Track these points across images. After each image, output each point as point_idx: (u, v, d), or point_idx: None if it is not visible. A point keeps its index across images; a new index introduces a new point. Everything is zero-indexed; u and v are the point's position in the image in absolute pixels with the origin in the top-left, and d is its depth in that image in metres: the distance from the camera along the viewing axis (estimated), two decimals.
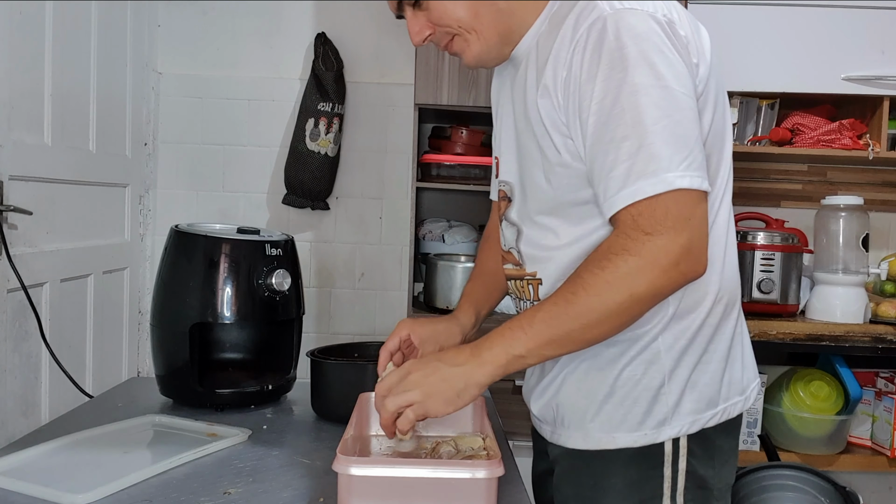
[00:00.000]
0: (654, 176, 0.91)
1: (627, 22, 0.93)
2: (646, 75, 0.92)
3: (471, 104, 2.29)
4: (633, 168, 0.92)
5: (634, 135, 0.92)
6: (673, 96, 0.93)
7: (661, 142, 0.91)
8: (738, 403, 1.07)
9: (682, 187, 0.91)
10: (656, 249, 0.91)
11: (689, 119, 0.94)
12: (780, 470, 2.06)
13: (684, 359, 1.03)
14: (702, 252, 0.94)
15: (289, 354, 1.52)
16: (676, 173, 0.91)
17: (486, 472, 0.89)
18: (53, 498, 0.96)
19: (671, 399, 1.02)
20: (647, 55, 0.92)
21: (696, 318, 1.03)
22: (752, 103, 2.37)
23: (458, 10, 1.04)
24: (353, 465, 0.89)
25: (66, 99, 2.06)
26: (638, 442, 1.03)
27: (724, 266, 1.05)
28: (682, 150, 0.92)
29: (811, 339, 2.15)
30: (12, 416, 1.84)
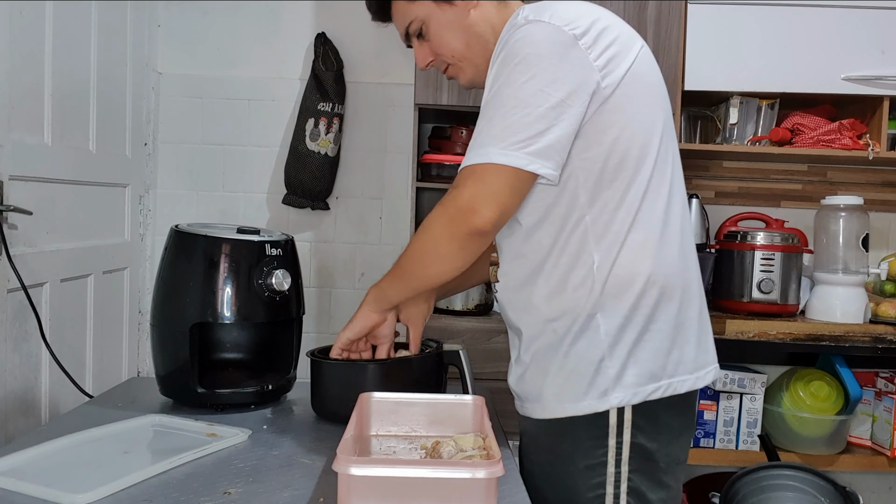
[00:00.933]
0: (480, 148, 1.10)
1: (529, 30, 1.11)
2: (521, 73, 1.09)
3: (471, 104, 2.29)
4: (474, 141, 1.11)
5: (488, 116, 1.11)
6: (535, 93, 1.08)
7: (503, 125, 1.08)
8: (686, 381, 1.16)
9: (498, 162, 1.08)
10: (449, 198, 1.12)
11: (547, 116, 1.08)
12: (780, 470, 2.07)
13: (623, 336, 1.14)
14: (483, 210, 1.08)
15: (289, 354, 1.52)
16: (497, 149, 1.08)
17: (486, 472, 0.89)
18: (53, 498, 0.96)
19: (612, 371, 1.13)
20: (530, 58, 1.09)
21: (629, 298, 1.13)
22: (752, 103, 2.37)
23: (452, 43, 1.26)
24: (354, 464, 0.89)
25: (66, 99, 2.06)
26: (583, 410, 1.14)
27: (657, 253, 1.14)
28: (518, 135, 1.07)
29: (811, 339, 2.15)
30: (12, 416, 1.84)
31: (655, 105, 1.18)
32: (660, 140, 1.17)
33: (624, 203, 1.13)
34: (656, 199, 1.16)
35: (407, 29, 1.29)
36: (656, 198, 1.16)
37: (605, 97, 1.11)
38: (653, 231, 1.15)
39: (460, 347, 1.40)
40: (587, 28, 1.11)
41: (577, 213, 1.14)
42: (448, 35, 1.26)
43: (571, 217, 1.14)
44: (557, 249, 1.15)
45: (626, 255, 1.13)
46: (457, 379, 1.40)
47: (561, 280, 1.15)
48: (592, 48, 1.10)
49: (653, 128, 1.17)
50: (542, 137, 1.08)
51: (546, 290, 1.17)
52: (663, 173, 1.17)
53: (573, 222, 1.14)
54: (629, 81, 1.13)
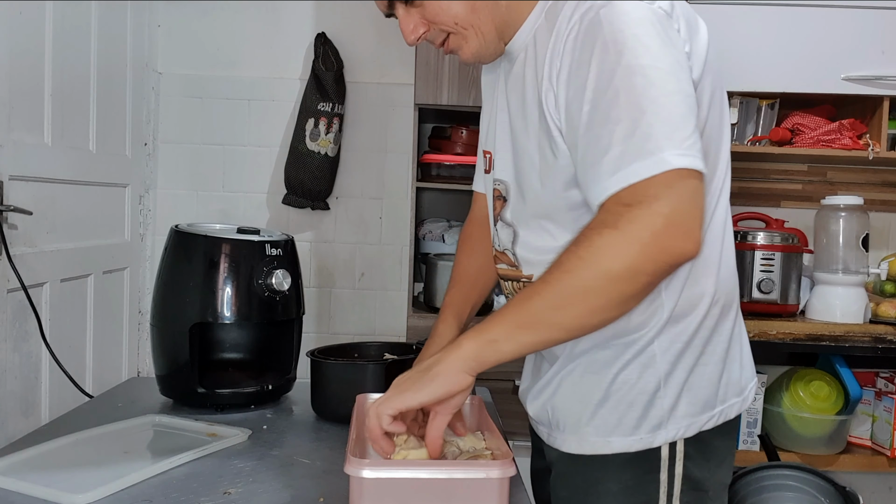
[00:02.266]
0: (651, 156, 0.85)
1: (621, 8, 0.90)
2: (641, 56, 0.87)
3: (471, 104, 2.29)
4: (626, 150, 0.86)
5: (628, 117, 0.86)
6: (670, 77, 0.88)
7: (659, 121, 0.86)
8: (735, 405, 1.06)
9: (679, 167, 0.85)
10: (634, 220, 0.84)
11: (685, 99, 0.89)
12: (780, 470, 2.06)
13: (680, 362, 1.01)
14: (690, 227, 0.86)
15: (289, 354, 1.52)
16: (674, 152, 0.85)
17: (499, 471, 0.89)
18: (53, 498, 0.96)
19: (667, 403, 1.00)
20: (642, 38, 0.88)
21: (693, 321, 1.00)
22: (752, 103, 2.37)
23: (454, 7, 1.01)
24: (366, 467, 0.88)
25: (66, 99, 2.06)
26: (633, 447, 1.01)
27: (720, 267, 1.02)
28: (681, 130, 0.86)
29: (811, 339, 2.15)
30: (12, 416, 1.84)
31: (724, 100, 1.04)
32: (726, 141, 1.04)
33: None
34: (720, 206, 1.03)
35: None
36: (720, 205, 1.03)
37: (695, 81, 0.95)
38: (716, 244, 1.02)
39: None
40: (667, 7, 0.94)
41: None
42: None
43: None
44: None
45: (696, 272, 0.99)
46: None
47: None
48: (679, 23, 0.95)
49: (724, 122, 1.03)
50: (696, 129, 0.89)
51: None
52: (726, 179, 1.04)
53: None
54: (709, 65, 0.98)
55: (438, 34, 1.05)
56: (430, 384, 0.93)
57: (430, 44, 1.08)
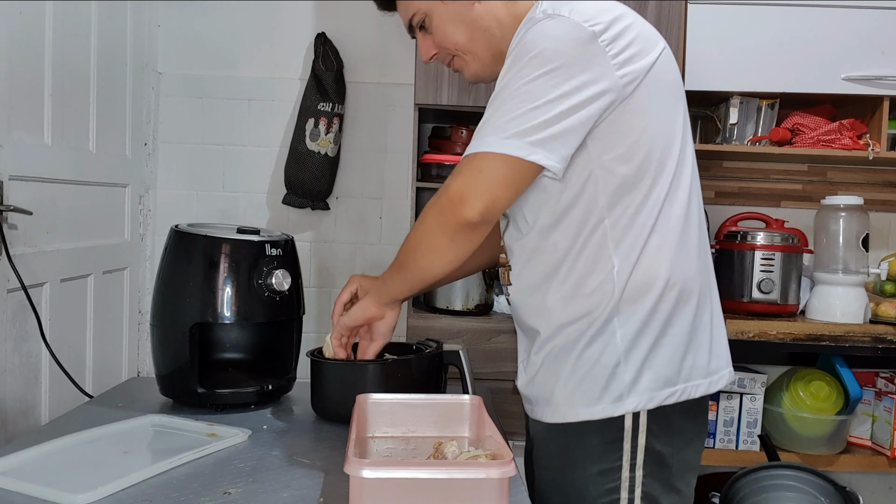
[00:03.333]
0: (481, 139, 1.08)
1: (549, 25, 1.08)
2: (534, 67, 1.06)
3: (471, 104, 2.29)
4: (478, 131, 1.10)
5: (494, 107, 1.09)
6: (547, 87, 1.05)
7: (508, 116, 1.06)
8: (700, 386, 1.15)
9: (498, 151, 1.06)
10: (442, 189, 1.12)
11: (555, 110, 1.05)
12: (780, 470, 2.06)
13: (639, 340, 1.11)
14: (474, 201, 1.08)
15: (289, 354, 1.52)
16: (498, 138, 1.06)
17: (499, 471, 0.89)
18: (53, 498, 0.96)
19: (627, 376, 1.11)
20: (546, 53, 1.06)
21: (647, 302, 1.11)
22: (752, 103, 2.37)
23: (455, 36, 1.24)
24: (366, 467, 0.88)
25: (66, 99, 2.06)
26: (596, 415, 1.12)
27: (675, 256, 1.12)
28: (522, 125, 1.05)
29: (811, 339, 2.15)
30: (12, 416, 1.84)
31: (677, 106, 1.16)
32: (681, 142, 1.15)
33: (645, 207, 1.11)
34: (675, 201, 1.13)
35: (410, 21, 1.27)
36: (675, 200, 1.13)
37: (624, 97, 1.08)
38: (672, 234, 1.12)
39: (460, 347, 1.40)
40: (608, 25, 1.08)
41: (595, 217, 1.11)
42: (451, 28, 1.23)
43: (590, 220, 1.12)
44: (574, 253, 1.13)
45: (646, 259, 1.11)
46: (457, 379, 1.40)
47: (577, 284, 1.13)
48: (612, 45, 1.07)
49: (674, 129, 1.15)
50: (546, 128, 1.05)
51: (561, 293, 1.14)
52: (682, 175, 1.15)
53: (591, 226, 1.12)
54: (650, 81, 1.10)
55: (446, 56, 1.29)
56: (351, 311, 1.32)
57: (442, 63, 1.32)
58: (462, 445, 1.08)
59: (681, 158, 1.14)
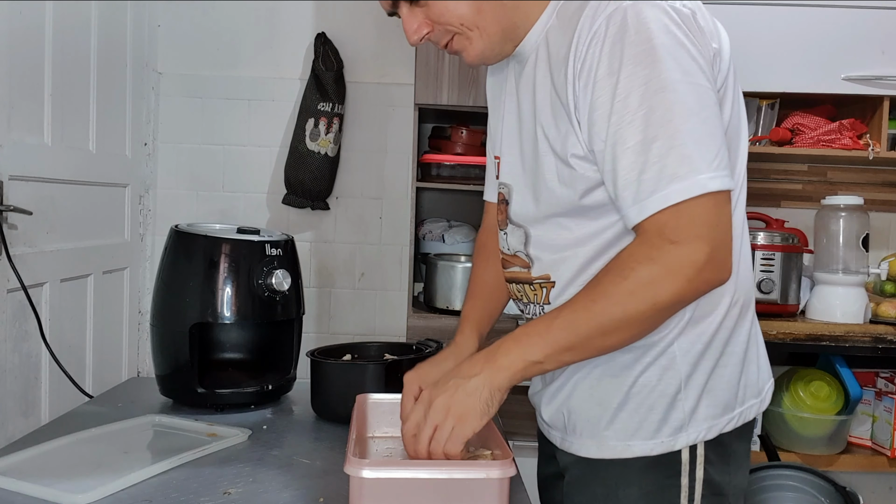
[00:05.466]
0: (686, 179, 0.88)
1: (648, 14, 0.90)
2: (671, 70, 0.89)
3: (471, 104, 2.29)
4: (664, 171, 0.88)
5: (664, 135, 0.88)
6: (699, 92, 0.90)
7: (693, 142, 0.88)
8: (753, 406, 1.05)
9: (712, 190, 0.88)
10: (681, 258, 0.89)
11: (715, 115, 0.92)
12: (780, 470, 2.06)
13: (701, 364, 1.01)
14: (726, 259, 0.91)
15: (289, 354, 1.52)
16: (708, 175, 0.88)
17: (499, 471, 0.89)
18: (53, 498, 0.96)
19: (688, 405, 1.00)
20: (671, 49, 0.89)
21: (713, 322, 1.01)
22: (752, 103, 2.37)
23: (460, 7, 0.99)
24: (366, 467, 0.88)
25: (66, 99, 2.06)
26: (654, 450, 1.00)
27: (739, 267, 1.01)
28: (712, 149, 0.90)
29: (811, 339, 2.15)
30: (12, 416, 1.84)
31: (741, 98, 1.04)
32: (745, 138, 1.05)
33: None
34: (738, 205, 1.03)
35: None
36: (738, 204, 1.03)
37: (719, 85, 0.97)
38: (736, 242, 0.99)
39: None
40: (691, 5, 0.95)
41: None
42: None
43: None
44: None
45: None
46: None
47: None
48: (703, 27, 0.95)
49: (742, 123, 1.03)
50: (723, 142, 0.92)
51: None
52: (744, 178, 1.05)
53: None
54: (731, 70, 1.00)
55: (443, 35, 1.03)
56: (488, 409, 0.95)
57: (434, 44, 1.06)
58: None
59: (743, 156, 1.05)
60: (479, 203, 2.73)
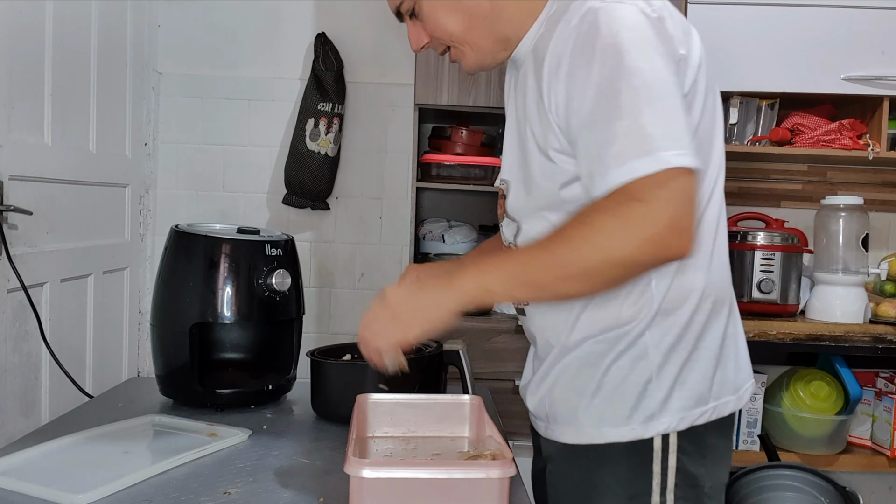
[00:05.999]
0: (649, 155, 0.91)
1: (618, 13, 0.96)
2: (638, 60, 0.94)
3: (471, 104, 2.29)
4: (628, 146, 0.92)
5: (630, 115, 0.92)
6: (662, 81, 0.94)
7: (656, 122, 0.92)
8: (729, 402, 1.08)
9: (677, 165, 0.91)
10: (642, 216, 0.91)
11: (677, 105, 0.95)
12: (780, 470, 2.07)
13: (672, 356, 1.04)
14: (687, 228, 0.92)
15: (289, 354, 1.52)
16: (672, 152, 0.91)
17: (499, 471, 0.89)
18: (53, 498, 0.96)
19: (659, 395, 1.04)
20: (639, 42, 0.95)
21: (683, 315, 1.04)
22: (752, 103, 2.37)
23: (449, 25, 1.09)
24: (366, 467, 0.88)
25: (66, 99, 2.06)
26: (626, 436, 1.04)
27: (710, 264, 1.05)
28: (675, 131, 0.93)
29: (811, 339, 2.15)
30: (12, 416, 1.84)
31: (716, 101, 1.07)
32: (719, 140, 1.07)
33: None
34: (711, 205, 1.06)
35: (398, 8, 1.12)
36: (711, 204, 1.06)
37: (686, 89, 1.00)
38: (707, 240, 1.04)
39: (460, 347, 1.40)
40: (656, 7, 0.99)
41: None
42: (444, 17, 1.08)
43: None
44: None
45: (684, 268, 1.02)
46: (457, 379, 1.40)
47: (610, 295, 1.03)
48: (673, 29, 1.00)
49: (716, 125, 1.06)
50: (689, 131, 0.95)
51: (592, 304, 1.05)
52: (718, 178, 1.07)
53: None
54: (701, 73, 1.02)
55: (440, 45, 1.14)
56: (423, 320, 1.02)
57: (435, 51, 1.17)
58: (464, 446, 1.07)
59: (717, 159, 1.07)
60: (479, 203, 2.74)
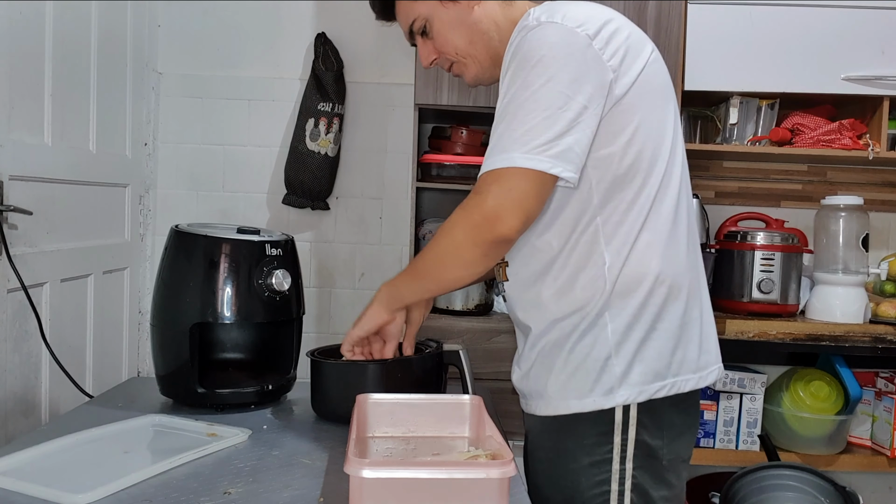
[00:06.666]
0: (504, 153, 1.09)
1: (544, 32, 1.11)
2: (538, 75, 1.09)
3: (471, 104, 2.29)
4: (495, 145, 1.11)
5: (507, 119, 1.10)
6: (554, 95, 1.08)
7: (524, 129, 1.08)
8: (690, 381, 1.17)
9: (522, 166, 1.07)
10: (472, 205, 1.12)
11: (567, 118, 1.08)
12: (780, 470, 2.07)
13: (630, 334, 1.14)
14: (509, 218, 1.09)
15: (289, 354, 1.52)
16: (521, 153, 1.07)
17: (499, 471, 0.89)
18: (53, 498, 0.96)
19: (618, 369, 1.14)
20: (547, 61, 1.09)
21: (637, 297, 1.14)
22: (752, 103, 2.37)
23: (455, 40, 1.27)
24: (366, 467, 0.88)
25: (66, 99, 2.06)
26: (587, 407, 1.15)
27: (665, 252, 1.15)
28: (540, 137, 1.07)
29: (811, 339, 2.15)
30: (12, 416, 1.84)
31: (668, 106, 1.19)
32: (671, 141, 1.18)
33: (636, 204, 1.14)
34: (665, 199, 1.16)
35: (411, 27, 1.30)
36: (665, 198, 1.16)
37: (618, 97, 1.12)
38: (662, 231, 1.15)
39: (460, 347, 1.40)
40: (599, 28, 1.11)
41: (588, 215, 1.15)
42: (451, 33, 1.27)
43: (583, 218, 1.15)
44: (567, 249, 1.16)
45: (636, 255, 1.14)
46: (457, 379, 1.40)
47: (570, 279, 1.16)
48: (605, 48, 1.11)
49: (664, 129, 1.18)
50: (563, 139, 1.08)
51: (554, 288, 1.17)
52: (672, 174, 1.18)
53: (584, 223, 1.15)
54: (641, 82, 1.14)
55: (446, 61, 1.32)
56: (361, 321, 1.30)
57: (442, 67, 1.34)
58: (465, 446, 1.07)
59: (671, 158, 1.18)
60: None
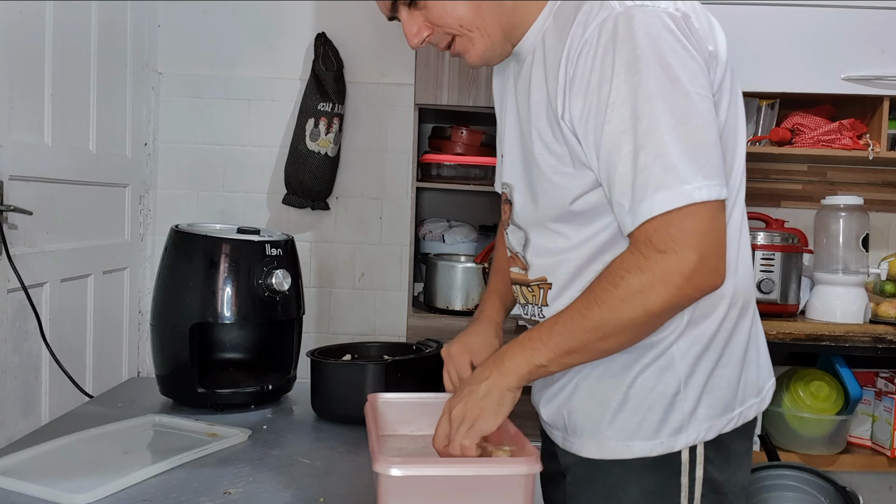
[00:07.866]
0: (670, 189, 0.89)
1: (639, 20, 0.90)
2: (660, 78, 0.89)
3: (471, 104, 2.29)
4: (648, 181, 0.89)
5: (650, 144, 0.89)
6: (689, 100, 0.90)
7: (678, 152, 0.89)
8: (753, 406, 1.06)
9: (699, 200, 0.89)
10: (669, 266, 0.90)
11: (707, 123, 0.92)
12: (780, 470, 2.06)
13: (700, 364, 1.01)
14: (717, 266, 0.92)
15: (289, 354, 1.52)
16: (694, 185, 0.89)
17: (526, 468, 0.90)
18: (53, 498, 0.96)
19: (687, 406, 1.01)
20: (662, 56, 0.90)
21: (713, 324, 1.01)
22: (752, 103, 2.37)
23: (459, 9, 1.00)
24: (395, 465, 0.88)
25: (66, 99, 2.06)
26: (654, 451, 1.01)
27: (737, 268, 1.02)
28: (699, 159, 0.90)
29: (811, 339, 2.15)
30: (12, 416, 1.84)
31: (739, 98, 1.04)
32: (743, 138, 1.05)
33: None
34: (737, 206, 1.04)
35: None
36: (737, 205, 1.04)
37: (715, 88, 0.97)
38: (732, 246, 1.00)
39: None
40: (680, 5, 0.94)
41: None
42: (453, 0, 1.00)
43: None
44: None
45: None
46: None
47: None
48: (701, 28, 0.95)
49: (739, 124, 1.04)
50: (715, 151, 0.91)
51: None
52: (743, 178, 1.05)
53: None
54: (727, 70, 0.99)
55: (443, 37, 1.04)
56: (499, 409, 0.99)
57: (435, 47, 1.07)
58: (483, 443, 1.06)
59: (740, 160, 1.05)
60: (479, 203, 2.74)
